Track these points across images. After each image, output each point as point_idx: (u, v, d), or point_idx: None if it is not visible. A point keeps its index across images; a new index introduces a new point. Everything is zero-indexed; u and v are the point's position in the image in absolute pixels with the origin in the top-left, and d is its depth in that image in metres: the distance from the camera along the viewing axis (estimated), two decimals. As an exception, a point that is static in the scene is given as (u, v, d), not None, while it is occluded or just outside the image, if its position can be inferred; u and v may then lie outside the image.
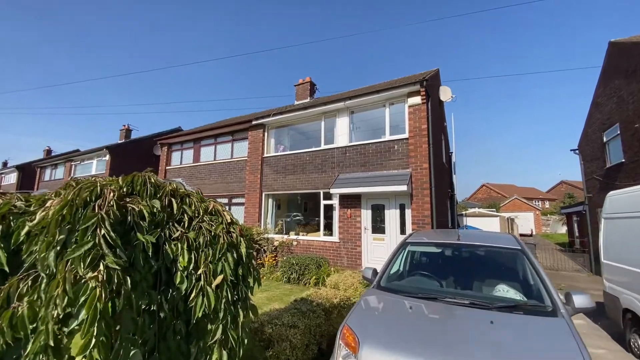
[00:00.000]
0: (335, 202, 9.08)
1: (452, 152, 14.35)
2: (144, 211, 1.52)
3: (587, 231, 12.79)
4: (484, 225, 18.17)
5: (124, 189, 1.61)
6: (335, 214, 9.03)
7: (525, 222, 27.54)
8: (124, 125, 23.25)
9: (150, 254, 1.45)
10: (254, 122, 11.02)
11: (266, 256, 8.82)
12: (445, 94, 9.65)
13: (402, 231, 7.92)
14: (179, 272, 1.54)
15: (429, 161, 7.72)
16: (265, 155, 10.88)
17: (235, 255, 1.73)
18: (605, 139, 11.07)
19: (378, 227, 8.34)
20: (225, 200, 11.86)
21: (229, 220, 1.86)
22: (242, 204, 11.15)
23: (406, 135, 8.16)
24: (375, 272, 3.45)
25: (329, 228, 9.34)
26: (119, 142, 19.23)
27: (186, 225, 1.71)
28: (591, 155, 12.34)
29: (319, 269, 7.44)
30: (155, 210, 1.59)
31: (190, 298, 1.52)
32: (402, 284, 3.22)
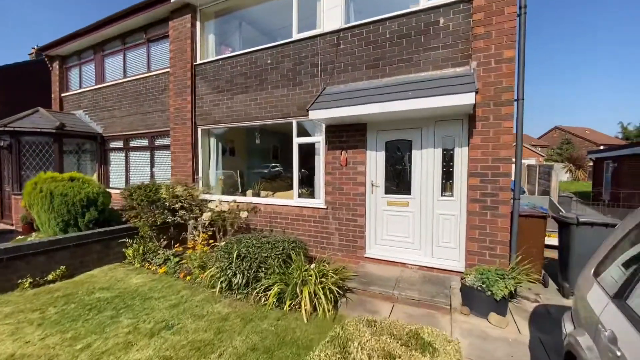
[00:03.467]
0: (319, 139, 5.08)
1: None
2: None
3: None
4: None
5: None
6: (320, 161, 5.11)
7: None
8: (34, 48, 16.92)
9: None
10: (173, 0, 6.18)
11: (198, 236, 5.00)
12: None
13: (445, 190, 4.19)
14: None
15: (518, 44, 3.66)
16: (199, 61, 6.33)
17: None
18: None
19: (397, 182, 4.56)
20: (146, 142, 7.55)
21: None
22: (169, 146, 6.93)
23: (467, -8, 3.90)
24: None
25: (309, 184, 5.49)
26: (3, 65, 13.37)
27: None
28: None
29: (287, 267, 3.77)
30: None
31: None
32: None
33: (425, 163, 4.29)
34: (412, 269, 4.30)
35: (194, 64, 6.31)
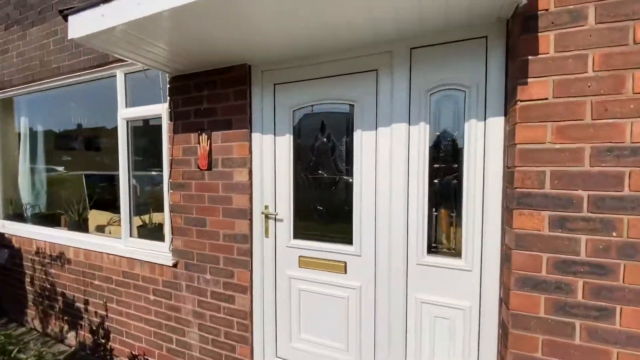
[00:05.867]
0: (159, 109, 2.31)
1: None
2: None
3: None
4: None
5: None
6: (164, 156, 2.33)
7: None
8: None
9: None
10: None
11: None
12: None
13: (438, 241, 1.54)
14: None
15: None
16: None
17: None
18: None
19: (322, 211, 1.88)
20: None
21: None
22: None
23: None
24: None
25: (157, 205, 2.70)
26: None
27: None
28: None
29: None
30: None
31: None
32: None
33: (384, 163, 1.63)
34: None
35: (-29, -24, 3.37)
